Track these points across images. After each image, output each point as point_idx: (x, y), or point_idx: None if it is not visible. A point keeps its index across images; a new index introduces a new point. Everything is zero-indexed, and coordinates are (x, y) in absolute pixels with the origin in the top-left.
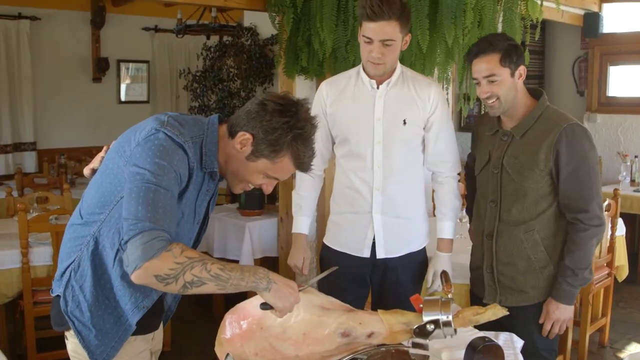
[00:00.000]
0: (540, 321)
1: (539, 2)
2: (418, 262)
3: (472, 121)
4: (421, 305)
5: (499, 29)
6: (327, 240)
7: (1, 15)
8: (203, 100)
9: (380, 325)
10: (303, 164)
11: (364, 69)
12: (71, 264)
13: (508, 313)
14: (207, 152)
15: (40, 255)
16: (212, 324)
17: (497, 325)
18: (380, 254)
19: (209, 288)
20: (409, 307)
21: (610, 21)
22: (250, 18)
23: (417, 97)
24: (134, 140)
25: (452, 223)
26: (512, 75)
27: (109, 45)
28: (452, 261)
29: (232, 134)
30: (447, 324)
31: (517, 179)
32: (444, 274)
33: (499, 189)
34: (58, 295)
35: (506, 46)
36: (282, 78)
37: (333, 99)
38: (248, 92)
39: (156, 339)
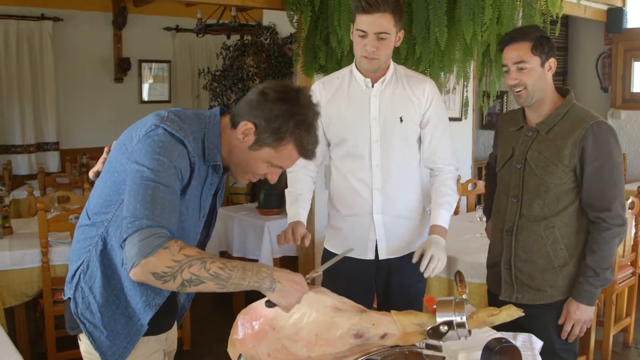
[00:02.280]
0: (560, 322)
1: None
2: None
3: (494, 119)
4: (435, 306)
5: (519, 25)
6: (329, 245)
7: (24, 16)
8: (222, 99)
9: (394, 326)
10: (307, 151)
11: (356, 66)
12: (80, 265)
13: (523, 314)
14: (210, 145)
15: (60, 255)
16: (232, 324)
17: (515, 326)
18: (382, 255)
19: (209, 287)
20: (415, 307)
21: (634, 16)
22: (270, 17)
23: (412, 94)
24: (135, 137)
25: (447, 212)
26: (542, 65)
27: (131, 46)
28: (471, 260)
29: (234, 125)
30: (461, 325)
31: (540, 174)
32: (458, 274)
33: (521, 184)
34: (69, 298)
35: (538, 36)
36: (300, 76)
37: (327, 99)
38: None
39: (170, 339)
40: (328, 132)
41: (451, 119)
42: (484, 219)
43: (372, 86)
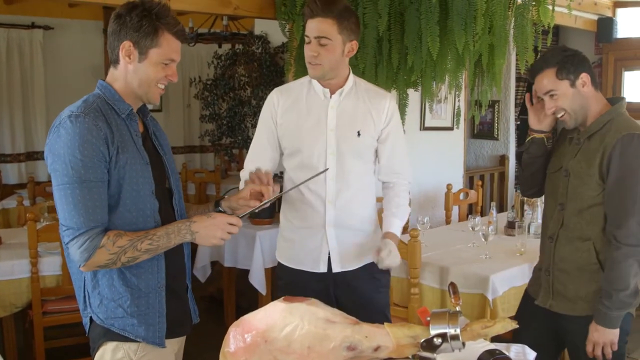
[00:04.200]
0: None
1: (550, 8)
2: (377, 270)
3: (485, 128)
4: (428, 318)
5: (510, 35)
6: (281, 258)
7: (15, 24)
8: (214, 108)
9: (387, 338)
10: (180, 32)
11: None
12: (84, 285)
13: (518, 326)
14: (114, 101)
15: (50, 265)
16: (223, 335)
17: (551, 335)
18: (336, 268)
19: (145, 257)
20: (380, 319)
21: (624, 26)
22: (261, 26)
23: (372, 109)
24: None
25: (400, 222)
26: (573, 85)
27: None
28: (463, 270)
29: (115, 61)
30: (455, 337)
31: (577, 185)
32: (452, 285)
33: (566, 194)
34: (91, 320)
35: (560, 59)
36: None
37: (285, 108)
38: (259, 100)
39: (180, 350)
40: (283, 141)
41: (442, 129)
42: (477, 228)
43: (330, 97)
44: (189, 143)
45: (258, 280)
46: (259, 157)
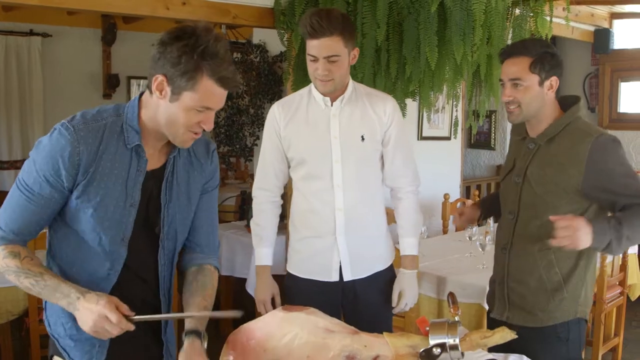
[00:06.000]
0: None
1: (548, 19)
2: (387, 280)
3: (482, 138)
4: (427, 328)
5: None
6: (292, 269)
7: (13, 31)
8: None
9: (386, 348)
10: (225, 79)
11: (315, 86)
12: None
13: (517, 336)
14: (127, 127)
15: None
16: (219, 343)
17: (507, 348)
18: (347, 277)
19: (33, 293)
20: (383, 328)
21: (620, 37)
22: (260, 35)
23: (373, 112)
24: None
25: (414, 239)
26: (541, 84)
27: (120, 62)
28: (460, 280)
29: (150, 90)
30: (454, 347)
31: (539, 192)
32: (451, 295)
33: (518, 201)
34: (41, 321)
35: (541, 52)
36: None
37: (287, 120)
38: (257, 109)
39: None
40: (288, 153)
41: (440, 138)
42: (474, 237)
43: (331, 105)
44: None
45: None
46: (266, 171)
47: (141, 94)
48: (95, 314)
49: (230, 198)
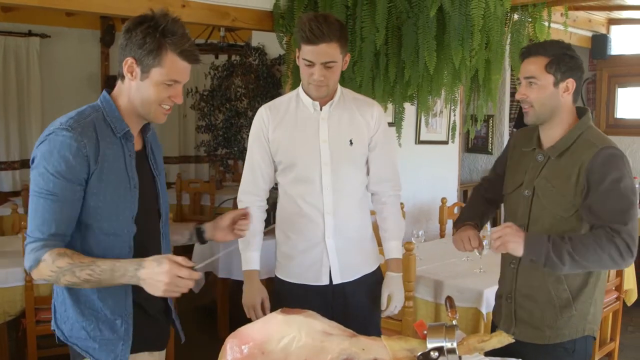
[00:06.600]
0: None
1: (546, 24)
2: (376, 282)
3: (480, 142)
4: (425, 332)
5: (507, 51)
6: (280, 274)
7: (11, 32)
8: (210, 119)
9: (384, 351)
10: (187, 52)
11: (304, 91)
12: (54, 297)
13: (514, 340)
14: (112, 119)
15: None
16: (216, 346)
17: (507, 355)
18: (337, 280)
19: (88, 287)
20: (372, 331)
21: (618, 43)
22: (259, 38)
23: (361, 117)
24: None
25: (398, 242)
26: (556, 84)
27: (118, 63)
28: (457, 284)
29: (121, 77)
30: (451, 351)
31: (547, 205)
32: (449, 299)
33: (528, 214)
34: (54, 330)
35: (559, 53)
36: None
37: (275, 124)
38: (255, 112)
39: None
40: (276, 157)
41: (438, 142)
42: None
43: (320, 109)
44: (184, 153)
45: None
46: (254, 175)
47: (107, 91)
48: (166, 275)
49: (227, 200)
